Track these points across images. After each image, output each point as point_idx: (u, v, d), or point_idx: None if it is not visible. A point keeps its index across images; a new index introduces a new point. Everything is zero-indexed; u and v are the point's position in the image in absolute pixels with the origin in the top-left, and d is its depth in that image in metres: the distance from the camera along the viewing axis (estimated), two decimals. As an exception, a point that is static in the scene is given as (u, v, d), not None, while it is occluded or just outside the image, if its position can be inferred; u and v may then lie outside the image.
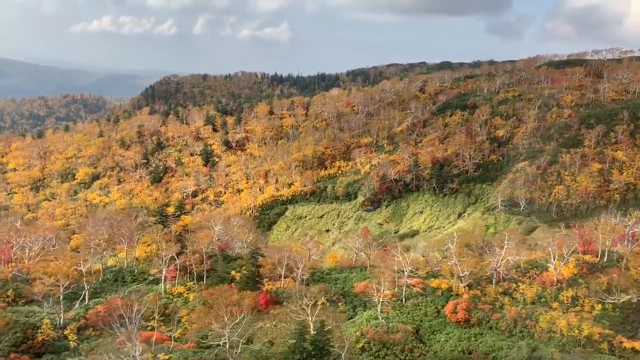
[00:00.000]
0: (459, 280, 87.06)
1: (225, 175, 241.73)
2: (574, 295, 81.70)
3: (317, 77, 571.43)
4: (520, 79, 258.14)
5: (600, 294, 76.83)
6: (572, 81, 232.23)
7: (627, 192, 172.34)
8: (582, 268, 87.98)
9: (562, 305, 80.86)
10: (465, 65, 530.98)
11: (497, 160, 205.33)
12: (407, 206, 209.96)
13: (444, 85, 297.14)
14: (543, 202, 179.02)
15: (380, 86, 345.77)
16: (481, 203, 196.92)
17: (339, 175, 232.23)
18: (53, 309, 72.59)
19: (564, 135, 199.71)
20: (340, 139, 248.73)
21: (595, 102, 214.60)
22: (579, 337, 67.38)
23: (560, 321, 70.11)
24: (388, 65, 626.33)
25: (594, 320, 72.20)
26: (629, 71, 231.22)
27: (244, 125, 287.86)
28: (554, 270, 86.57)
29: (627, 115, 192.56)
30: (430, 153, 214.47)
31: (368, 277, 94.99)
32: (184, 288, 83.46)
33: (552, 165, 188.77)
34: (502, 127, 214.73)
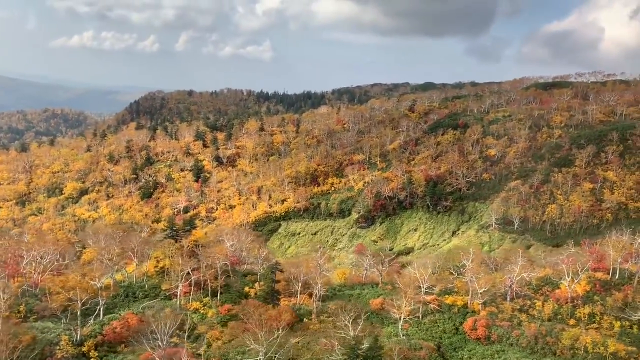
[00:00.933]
0: (475, 297, 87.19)
1: (217, 191, 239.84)
2: (591, 312, 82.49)
3: (303, 95, 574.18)
4: (509, 100, 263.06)
5: (625, 312, 77.73)
6: (560, 102, 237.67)
7: (618, 212, 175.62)
8: (594, 285, 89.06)
9: (579, 322, 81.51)
10: (448, 86, 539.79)
11: (489, 178, 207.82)
12: (401, 223, 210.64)
13: (432, 104, 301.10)
14: (537, 221, 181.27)
15: (369, 105, 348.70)
16: (475, 221, 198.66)
17: (332, 192, 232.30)
18: (69, 324, 70.45)
19: (555, 155, 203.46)
20: (333, 156, 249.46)
21: (584, 123, 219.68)
22: (605, 354, 67.88)
23: (584, 338, 70.57)
24: (372, 84, 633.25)
25: (616, 338, 72.90)
26: (615, 94, 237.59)
27: (234, 141, 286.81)
28: (568, 287, 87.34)
29: (616, 137, 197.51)
30: (423, 171, 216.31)
31: (381, 294, 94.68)
32: (199, 304, 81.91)
33: (544, 184, 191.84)
34: (494, 147, 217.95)
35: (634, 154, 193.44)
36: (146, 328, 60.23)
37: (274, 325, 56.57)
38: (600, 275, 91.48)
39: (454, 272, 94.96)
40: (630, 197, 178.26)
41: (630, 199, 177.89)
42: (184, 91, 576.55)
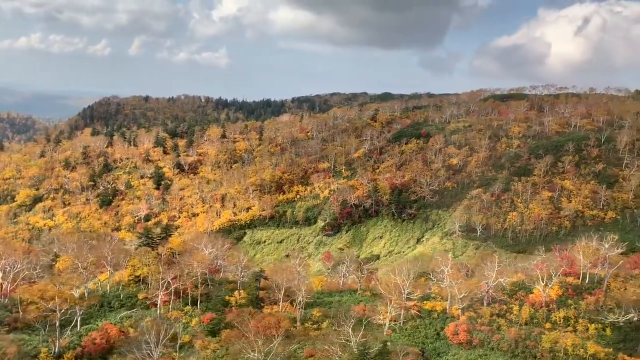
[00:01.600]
0: (454, 302, 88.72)
1: (179, 199, 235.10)
2: (565, 316, 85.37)
3: (262, 103, 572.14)
4: (468, 111, 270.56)
5: (598, 314, 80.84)
6: (517, 114, 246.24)
7: (576, 219, 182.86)
8: (567, 290, 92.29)
9: (554, 326, 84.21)
10: (406, 96, 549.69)
11: (452, 187, 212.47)
12: (367, 231, 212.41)
13: (394, 114, 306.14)
14: (499, 228, 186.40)
15: (331, 113, 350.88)
16: (439, 228, 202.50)
17: (298, 199, 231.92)
18: (47, 336, 67.25)
19: (515, 164, 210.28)
20: (298, 164, 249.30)
21: (541, 134, 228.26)
22: (585, 356, 70.33)
23: (564, 340, 72.90)
24: (331, 94, 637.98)
25: (593, 340, 75.69)
26: (568, 106, 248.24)
27: (196, 148, 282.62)
28: (542, 291, 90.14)
29: (572, 147, 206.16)
30: (388, 179, 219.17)
31: (361, 301, 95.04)
32: (179, 313, 79.85)
33: (505, 192, 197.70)
34: (456, 156, 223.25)
35: (588, 164, 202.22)
36: (140, 338, 57.99)
37: (270, 333, 55.69)
38: (571, 280, 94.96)
39: (433, 278, 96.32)
40: (586, 205, 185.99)
41: (586, 207, 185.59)
42: (139, 97, 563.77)
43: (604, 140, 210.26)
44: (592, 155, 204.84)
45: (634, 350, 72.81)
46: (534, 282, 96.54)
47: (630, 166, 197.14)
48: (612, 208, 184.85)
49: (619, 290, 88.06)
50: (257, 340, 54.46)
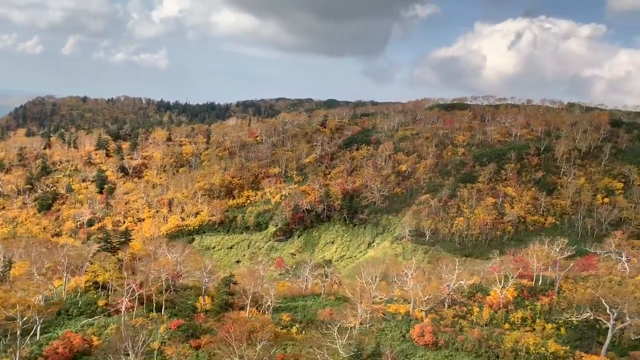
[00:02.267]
0: (418, 305, 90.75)
1: (124, 204, 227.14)
2: (523, 317, 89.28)
3: (206, 106, 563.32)
4: (415, 119, 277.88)
5: (558, 314, 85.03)
6: (462, 123, 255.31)
7: (519, 224, 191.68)
8: (522, 291, 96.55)
9: (513, 326, 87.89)
10: (351, 103, 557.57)
11: (401, 193, 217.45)
12: (319, 236, 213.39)
13: (342, 121, 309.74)
14: (446, 233, 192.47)
15: (280, 118, 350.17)
16: (389, 233, 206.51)
17: (248, 205, 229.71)
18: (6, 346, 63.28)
19: (461, 171, 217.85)
20: (248, 169, 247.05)
21: (484, 143, 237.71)
22: (546, 354, 73.78)
23: (525, 339, 76.18)
24: (277, 99, 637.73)
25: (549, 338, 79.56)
26: (508, 116, 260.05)
27: (140, 151, 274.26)
28: (499, 293, 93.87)
29: (513, 156, 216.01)
30: (340, 185, 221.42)
31: (326, 304, 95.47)
32: (144, 319, 77.22)
33: (452, 198, 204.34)
34: (405, 162, 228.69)
35: (529, 171, 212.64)
36: (114, 346, 55.43)
37: (255, 337, 54.90)
38: (525, 282, 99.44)
39: (398, 281, 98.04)
40: (527, 211, 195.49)
41: (527, 212, 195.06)
42: (77, 97, 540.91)
43: (543, 149, 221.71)
44: (533, 164, 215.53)
45: (590, 348, 77.23)
46: (491, 284, 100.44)
47: (567, 174, 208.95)
48: (551, 214, 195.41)
49: (570, 292, 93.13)
50: (241, 344, 53.56)
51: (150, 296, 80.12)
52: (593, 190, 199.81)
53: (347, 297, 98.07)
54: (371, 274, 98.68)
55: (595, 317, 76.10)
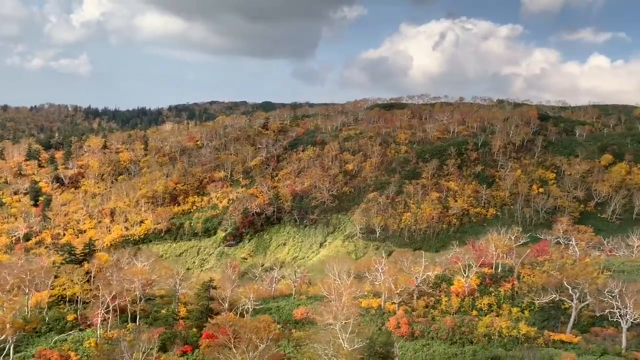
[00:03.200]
0: (389, 298, 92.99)
1: (63, 215, 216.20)
2: (489, 303, 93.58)
3: (137, 111, 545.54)
4: (357, 119, 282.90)
5: (522, 297, 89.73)
6: (402, 121, 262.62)
7: (463, 217, 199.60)
8: (484, 279, 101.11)
9: (480, 313, 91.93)
10: (287, 105, 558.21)
11: (349, 191, 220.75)
12: (270, 239, 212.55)
13: (284, 122, 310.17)
14: (396, 228, 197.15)
15: (219, 122, 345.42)
16: (340, 232, 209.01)
17: (195, 210, 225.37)
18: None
19: (405, 168, 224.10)
20: (192, 174, 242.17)
21: (425, 140, 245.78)
22: (518, 335, 77.82)
23: (498, 323, 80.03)
24: (210, 102, 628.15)
25: (518, 321, 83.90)
26: (445, 114, 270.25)
27: (75, 161, 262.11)
28: (464, 282, 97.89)
29: (453, 151, 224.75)
30: (289, 186, 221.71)
31: (300, 304, 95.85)
32: (119, 331, 74.37)
33: (398, 195, 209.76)
34: (351, 162, 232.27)
35: (469, 166, 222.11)
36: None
37: (259, 337, 54.33)
38: (486, 270, 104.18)
39: (369, 276, 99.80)
40: (470, 203, 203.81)
41: (470, 205, 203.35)
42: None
43: (481, 144, 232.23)
44: (472, 158, 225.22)
45: (556, 327, 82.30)
46: (455, 274, 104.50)
47: (504, 167, 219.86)
48: (492, 205, 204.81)
49: (529, 277, 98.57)
50: (242, 346, 52.92)
51: (124, 307, 77.22)
52: (529, 181, 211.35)
53: (318, 296, 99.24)
54: (338, 271, 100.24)
55: (560, 298, 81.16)
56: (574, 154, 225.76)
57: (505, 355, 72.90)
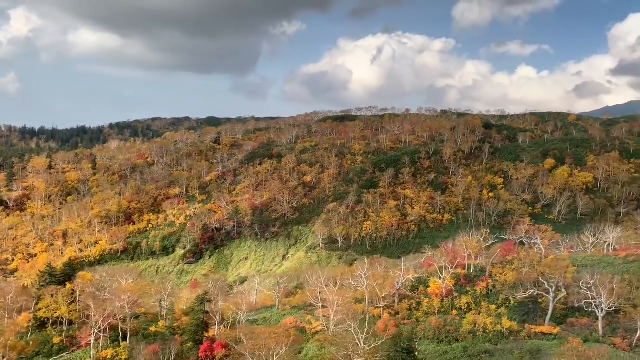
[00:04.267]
0: (373, 303, 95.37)
1: (12, 239, 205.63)
2: (467, 302, 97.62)
3: (77, 130, 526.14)
4: (310, 131, 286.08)
5: (504, 293, 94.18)
6: (356, 133, 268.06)
7: (421, 223, 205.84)
8: (459, 280, 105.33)
9: (460, 312, 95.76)
10: (233, 120, 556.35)
11: (309, 203, 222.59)
12: (231, 254, 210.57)
13: (236, 137, 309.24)
14: (357, 237, 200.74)
15: (167, 138, 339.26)
16: (302, 243, 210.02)
17: (151, 229, 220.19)
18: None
19: (363, 178, 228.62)
20: (146, 191, 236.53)
21: (378, 150, 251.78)
22: (502, 330, 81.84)
23: (482, 320, 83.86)
24: (153, 119, 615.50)
25: (499, 317, 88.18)
26: (396, 125, 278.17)
27: (20, 182, 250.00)
28: (442, 283, 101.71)
29: (407, 160, 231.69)
30: (248, 200, 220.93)
31: (285, 314, 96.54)
32: (113, 351, 72.53)
33: (358, 204, 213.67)
34: (309, 173, 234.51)
35: (422, 174, 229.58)
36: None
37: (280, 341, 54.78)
38: (460, 271, 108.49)
39: (353, 282, 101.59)
40: (427, 210, 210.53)
41: (427, 212, 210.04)
42: None
43: (432, 153, 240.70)
44: (425, 167, 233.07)
45: (535, 320, 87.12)
46: (430, 276, 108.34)
47: (456, 174, 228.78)
48: (447, 211, 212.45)
49: (501, 275, 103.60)
50: (260, 353, 53.34)
51: (113, 326, 75.31)
52: (479, 187, 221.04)
53: (301, 306, 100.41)
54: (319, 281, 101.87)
55: (538, 292, 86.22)
56: (519, 160, 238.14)
57: (494, 349, 76.61)
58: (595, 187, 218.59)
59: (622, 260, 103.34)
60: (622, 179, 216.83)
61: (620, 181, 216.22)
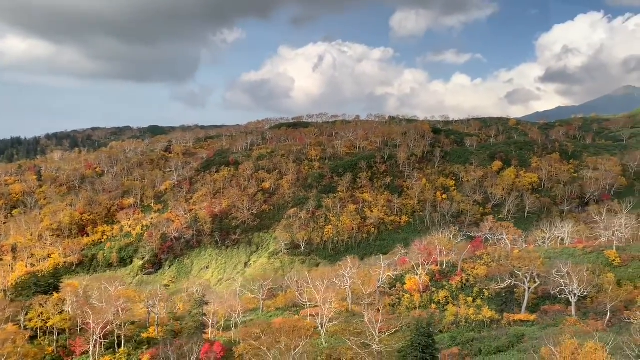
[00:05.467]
0: (359, 300, 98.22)
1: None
2: (445, 296, 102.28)
3: (11, 141, 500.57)
4: (265, 138, 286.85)
5: (487, 284, 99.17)
6: (311, 139, 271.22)
7: (380, 225, 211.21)
8: (434, 275, 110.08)
9: (439, 305, 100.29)
10: (177, 129, 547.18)
11: (269, 209, 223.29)
12: (192, 263, 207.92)
13: (187, 145, 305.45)
14: (319, 241, 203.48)
15: (115, 147, 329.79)
16: (264, 250, 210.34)
17: (106, 240, 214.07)
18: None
19: (321, 183, 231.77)
20: (98, 202, 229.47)
21: (335, 156, 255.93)
22: (484, 319, 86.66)
23: (466, 311, 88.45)
24: (92, 128, 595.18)
25: (479, 308, 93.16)
26: (350, 131, 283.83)
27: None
28: (419, 279, 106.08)
29: (364, 165, 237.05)
30: (207, 208, 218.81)
31: (272, 315, 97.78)
32: (111, 357, 71.46)
33: (318, 209, 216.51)
34: (268, 180, 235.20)
35: (379, 178, 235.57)
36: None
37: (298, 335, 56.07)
38: (434, 268, 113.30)
39: (337, 282, 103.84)
40: (385, 213, 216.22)
41: (385, 214, 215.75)
42: None
43: (387, 157, 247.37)
44: (381, 171, 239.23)
45: (511, 309, 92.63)
46: (405, 273, 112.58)
47: (410, 177, 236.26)
48: (404, 213, 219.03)
49: (472, 269, 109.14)
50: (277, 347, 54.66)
51: (107, 333, 74.11)
52: (433, 189, 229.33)
53: (286, 307, 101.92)
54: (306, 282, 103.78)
55: (515, 282, 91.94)
56: (469, 162, 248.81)
57: (480, 337, 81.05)
58: (540, 187, 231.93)
59: (581, 251, 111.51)
60: (563, 179, 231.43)
61: (562, 181, 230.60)
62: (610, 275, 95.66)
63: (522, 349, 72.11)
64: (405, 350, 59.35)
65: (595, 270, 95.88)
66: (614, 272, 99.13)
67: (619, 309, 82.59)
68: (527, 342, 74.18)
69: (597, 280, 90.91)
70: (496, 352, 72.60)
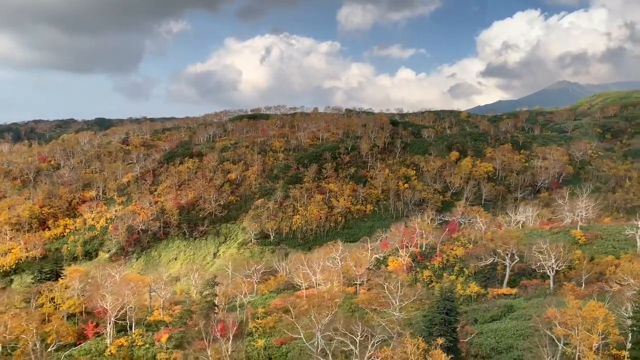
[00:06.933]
0: (348, 281, 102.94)
1: None
2: (429, 275, 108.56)
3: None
4: (226, 130, 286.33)
5: (470, 262, 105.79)
6: (274, 130, 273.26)
7: (347, 214, 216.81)
8: (416, 257, 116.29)
9: (422, 283, 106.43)
10: (125, 121, 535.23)
11: (236, 200, 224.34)
12: (159, 255, 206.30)
13: (145, 137, 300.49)
14: (288, 231, 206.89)
15: (66, 140, 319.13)
16: (232, 240, 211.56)
17: (69, 234, 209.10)
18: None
19: (287, 174, 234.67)
20: (59, 195, 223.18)
21: (299, 147, 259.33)
22: (471, 293, 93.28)
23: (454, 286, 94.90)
24: (35, 121, 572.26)
25: (466, 283, 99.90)
26: (311, 122, 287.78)
27: None
28: (403, 260, 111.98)
29: (329, 156, 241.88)
30: (173, 199, 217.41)
31: (267, 298, 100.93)
32: (126, 338, 72.83)
33: (286, 199, 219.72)
34: (233, 171, 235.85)
35: (343, 168, 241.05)
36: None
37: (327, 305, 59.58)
38: (414, 250, 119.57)
39: (330, 264, 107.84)
40: (351, 202, 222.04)
41: (351, 203, 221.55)
42: None
43: (350, 148, 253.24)
44: (345, 161, 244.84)
45: (494, 285, 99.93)
46: (389, 255, 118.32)
47: (373, 168, 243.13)
48: (369, 202, 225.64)
49: (451, 250, 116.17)
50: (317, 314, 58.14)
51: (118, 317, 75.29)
52: (395, 179, 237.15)
53: (279, 289, 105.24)
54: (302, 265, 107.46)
55: (497, 260, 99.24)
56: (428, 153, 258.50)
57: (470, 309, 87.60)
58: (495, 176, 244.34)
59: (549, 232, 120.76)
60: (516, 168, 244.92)
61: (515, 170, 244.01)
62: (579, 252, 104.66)
63: (514, 317, 79.07)
64: (431, 314, 64.31)
65: (566, 247, 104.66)
66: (581, 249, 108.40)
67: (592, 280, 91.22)
68: (518, 312, 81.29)
69: (569, 256, 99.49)
70: (491, 320, 79.18)
